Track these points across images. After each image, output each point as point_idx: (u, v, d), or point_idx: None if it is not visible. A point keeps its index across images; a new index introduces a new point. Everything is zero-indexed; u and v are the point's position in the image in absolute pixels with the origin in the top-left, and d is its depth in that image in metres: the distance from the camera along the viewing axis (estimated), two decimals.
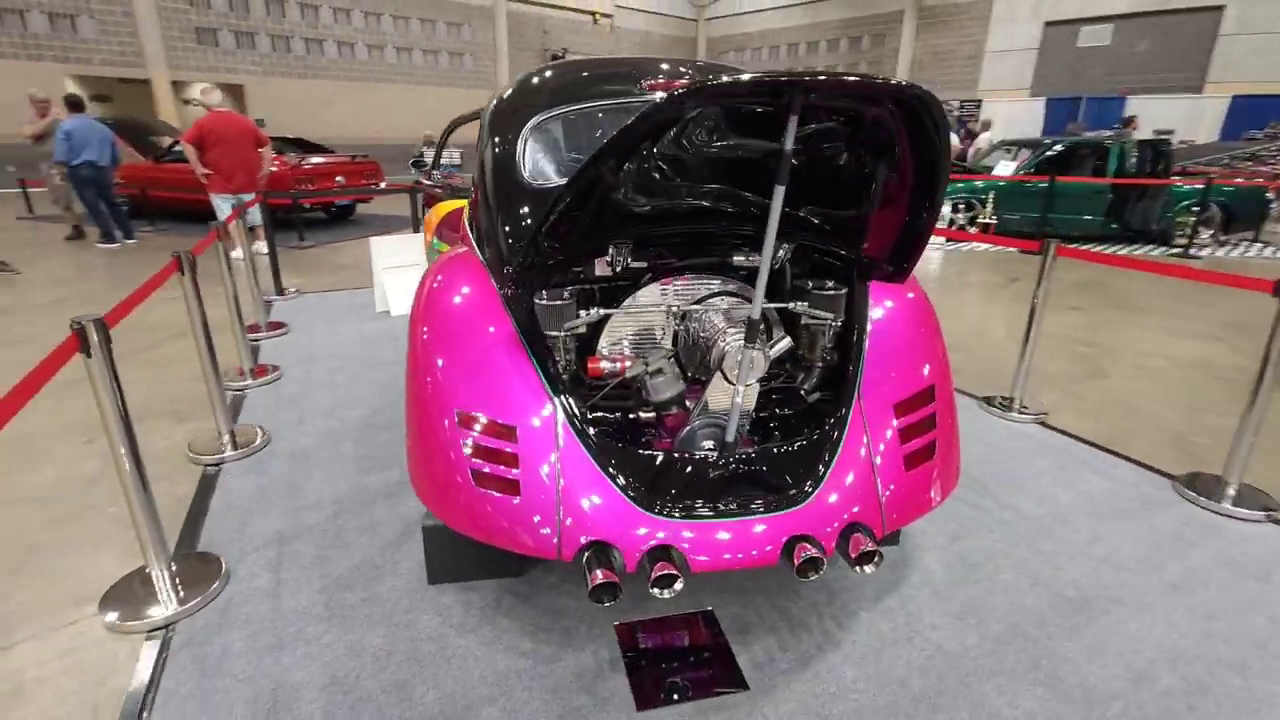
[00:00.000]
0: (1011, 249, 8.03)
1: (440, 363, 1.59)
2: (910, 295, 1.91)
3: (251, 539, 2.25)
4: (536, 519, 1.44)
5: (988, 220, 8.81)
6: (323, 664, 1.73)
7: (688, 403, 1.65)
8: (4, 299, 5.35)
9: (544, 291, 1.63)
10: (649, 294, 1.76)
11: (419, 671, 1.72)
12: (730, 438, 1.55)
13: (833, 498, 1.50)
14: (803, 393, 1.79)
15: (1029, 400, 3.43)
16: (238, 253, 5.48)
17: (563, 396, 1.53)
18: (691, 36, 25.43)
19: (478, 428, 1.51)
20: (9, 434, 3.01)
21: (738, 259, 1.74)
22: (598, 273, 1.73)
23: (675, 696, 1.63)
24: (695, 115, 1.32)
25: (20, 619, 1.89)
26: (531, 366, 1.56)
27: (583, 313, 1.61)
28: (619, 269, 1.65)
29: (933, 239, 9.39)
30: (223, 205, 6.50)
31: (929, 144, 1.32)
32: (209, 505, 2.45)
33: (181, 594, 1.94)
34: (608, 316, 1.69)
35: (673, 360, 1.60)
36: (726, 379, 1.52)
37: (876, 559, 1.43)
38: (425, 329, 1.67)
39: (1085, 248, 4.69)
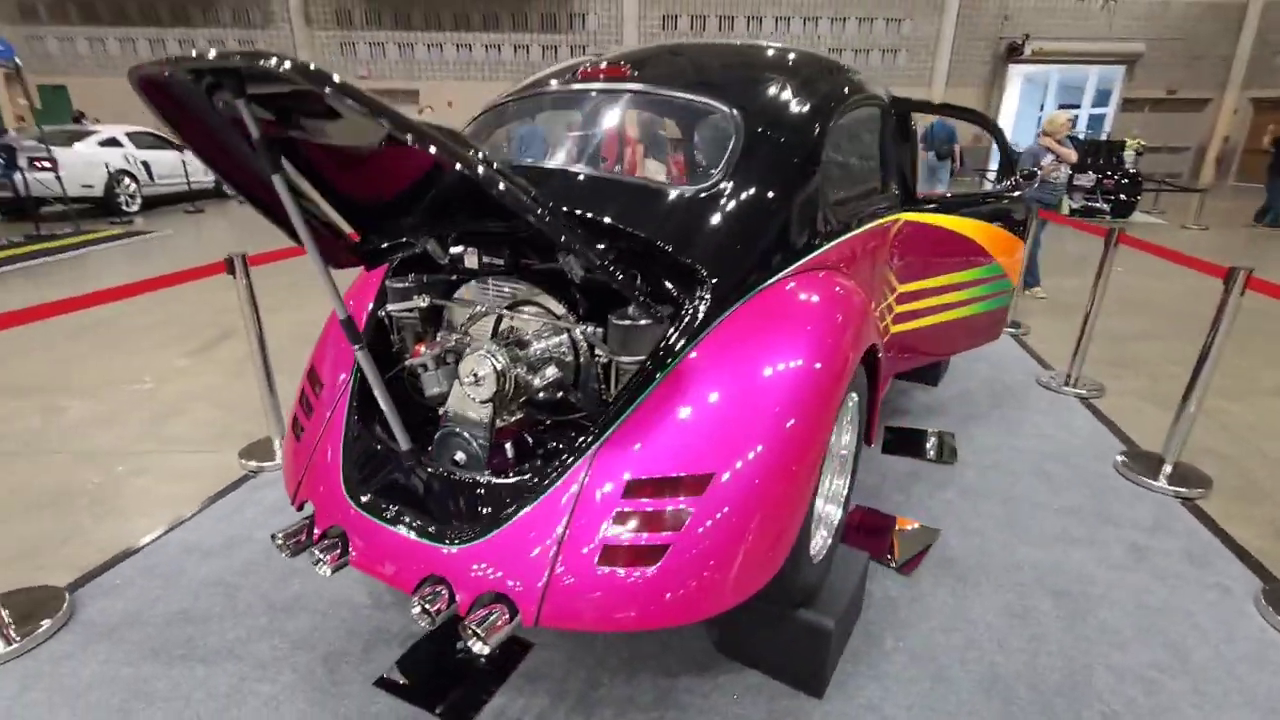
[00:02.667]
0: None
1: (328, 324, 1.89)
2: (817, 365, 1.38)
3: None
4: (295, 463, 1.64)
5: None
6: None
7: None
8: None
9: (410, 275, 1.75)
10: (468, 292, 1.70)
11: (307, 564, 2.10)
12: (404, 445, 1.44)
13: (492, 556, 1.26)
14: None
15: None
16: None
17: (362, 369, 1.65)
18: (1240, 1, 18.16)
19: (310, 379, 1.77)
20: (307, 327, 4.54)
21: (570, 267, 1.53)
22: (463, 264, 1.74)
23: (403, 694, 1.63)
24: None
25: (226, 438, 2.98)
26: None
27: (415, 298, 1.67)
28: (440, 260, 1.65)
29: None
30: None
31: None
32: None
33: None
34: (439, 307, 1.71)
35: (438, 359, 1.54)
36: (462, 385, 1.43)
37: (478, 646, 1.17)
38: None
39: None
